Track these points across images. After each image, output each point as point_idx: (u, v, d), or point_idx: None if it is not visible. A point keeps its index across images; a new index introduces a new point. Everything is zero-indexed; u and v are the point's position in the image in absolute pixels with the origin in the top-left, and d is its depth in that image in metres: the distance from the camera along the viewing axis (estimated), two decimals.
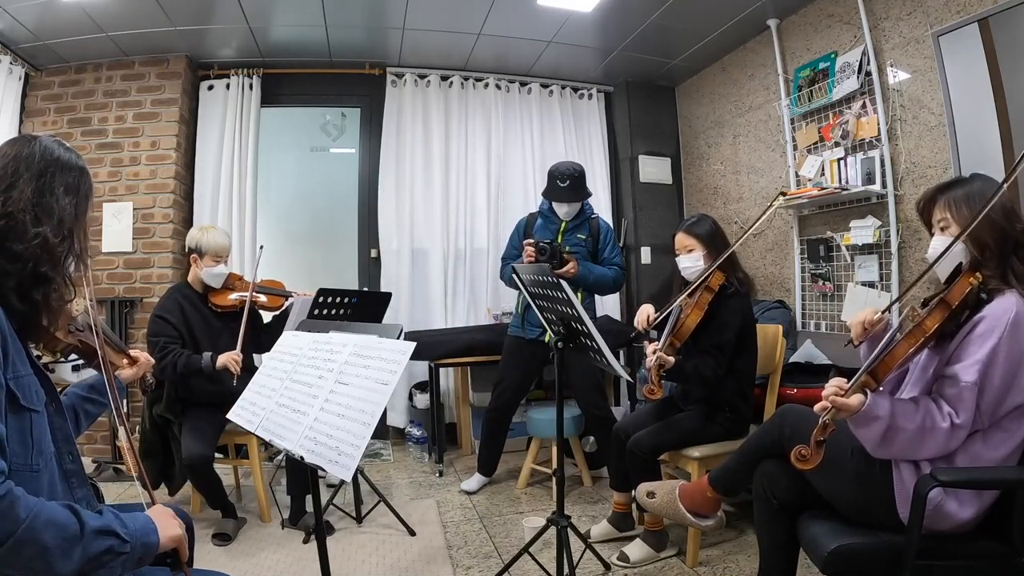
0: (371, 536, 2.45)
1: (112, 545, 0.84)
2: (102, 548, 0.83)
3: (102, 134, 3.51)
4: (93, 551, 0.82)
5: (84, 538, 0.81)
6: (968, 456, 1.27)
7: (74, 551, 0.80)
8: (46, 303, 0.98)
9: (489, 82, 4.06)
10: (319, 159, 4.74)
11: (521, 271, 2.13)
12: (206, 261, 2.54)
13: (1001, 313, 1.23)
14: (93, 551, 0.82)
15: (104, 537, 0.84)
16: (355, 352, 1.30)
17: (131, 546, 0.87)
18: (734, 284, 2.13)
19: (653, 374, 1.97)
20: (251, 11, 3.16)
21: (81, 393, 1.30)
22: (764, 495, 1.54)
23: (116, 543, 0.85)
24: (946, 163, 2.47)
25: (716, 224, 2.23)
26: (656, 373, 1.97)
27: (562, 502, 1.97)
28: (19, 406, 0.89)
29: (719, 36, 3.52)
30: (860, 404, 1.22)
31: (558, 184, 2.83)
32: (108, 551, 0.84)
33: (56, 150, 1.02)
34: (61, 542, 0.79)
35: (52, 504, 0.81)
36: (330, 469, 1.13)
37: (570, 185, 2.81)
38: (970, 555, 1.30)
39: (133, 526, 0.89)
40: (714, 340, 2.10)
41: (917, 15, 2.56)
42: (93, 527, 0.83)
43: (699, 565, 2.11)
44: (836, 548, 1.33)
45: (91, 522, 0.83)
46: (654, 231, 4.18)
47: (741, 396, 2.19)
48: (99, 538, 0.83)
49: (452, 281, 3.94)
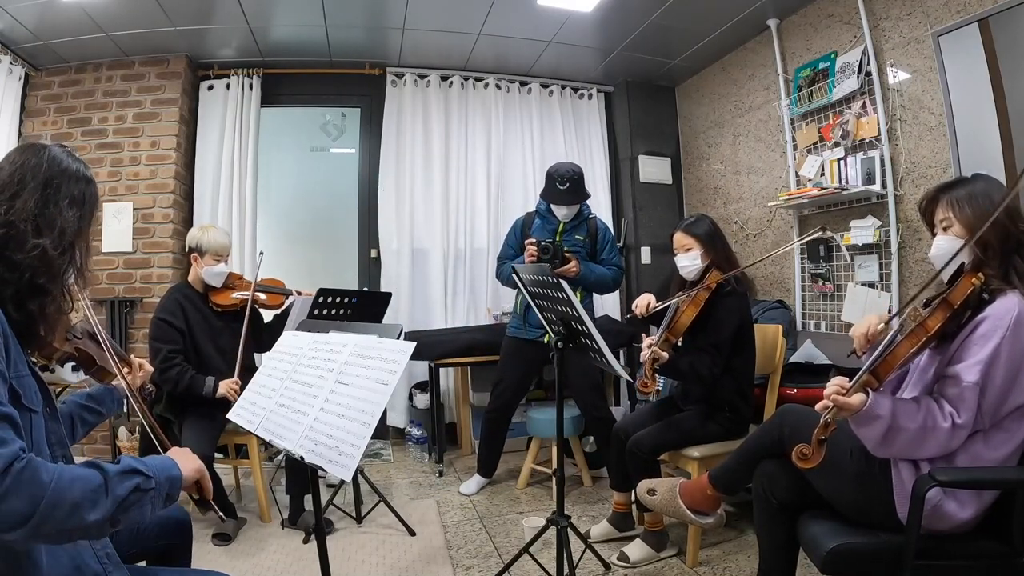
0: (371, 536, 2.45)
1: (138, 483, 0.86)
2: (129, 488, 0.84)
3: (102, 134, 3.51)
4: (121, 493, 0.83)
5: (110, 483, 0.82)
6: (969, 456, 1.27)
7: (103, 498, 0.81)
8: (43, 314, 0.97)
9: (489, 82, 4.06)
10: (319, 159, 4.74)
11: (521, 271, 2.13)
12: (206, 260, 2.54)
13: (1003, 313, 1.23)
14: (121, 493, 0.83)
15: (128, 477, 0.85)
16: (355, 352, 1.30)
17: (156, 481, 0.89)
18: (732, 283, 2.14)
19: (647, 368, 1.98)
20: (251, 11, 3.16)
21: (80, 401, 1.30)
22: (764, 495, 1.54)
23: (141, 480, 0.86)
24: (946, 163, 2.47)
25: (714, 224, 2.24)
26: (650, 367, 1.98)
27: (562, 502, 1.97)
28: (20, 405, 0.89)
29: (719, 36, 3.52)
30: (861, 403, 1.22)
31: (557, 187, 2.79)
32: (135, 489, 0.85)
33: (64, 160, 1.02)
34: (89, 493, 0.80)
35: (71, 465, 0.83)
36: (330, 469, 1.12)
37: (570, 188, 2.78)
38: (970, 555, 1.30)
39: (153, 463, 0.91)
40: (711, 339, 2.11)
41: (917, 15, 2.56)
42: (115, 470, 0.84)
43: (699, 565, 2.11)
44: (835, 548, 1.33)
45: (112, 468, 0.84)
46: (654, 231, 4.18)
47: (740, 396, 2.19)
48: (124, 479, 0.84)
49: (452, 281, 3.94)
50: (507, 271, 2.92)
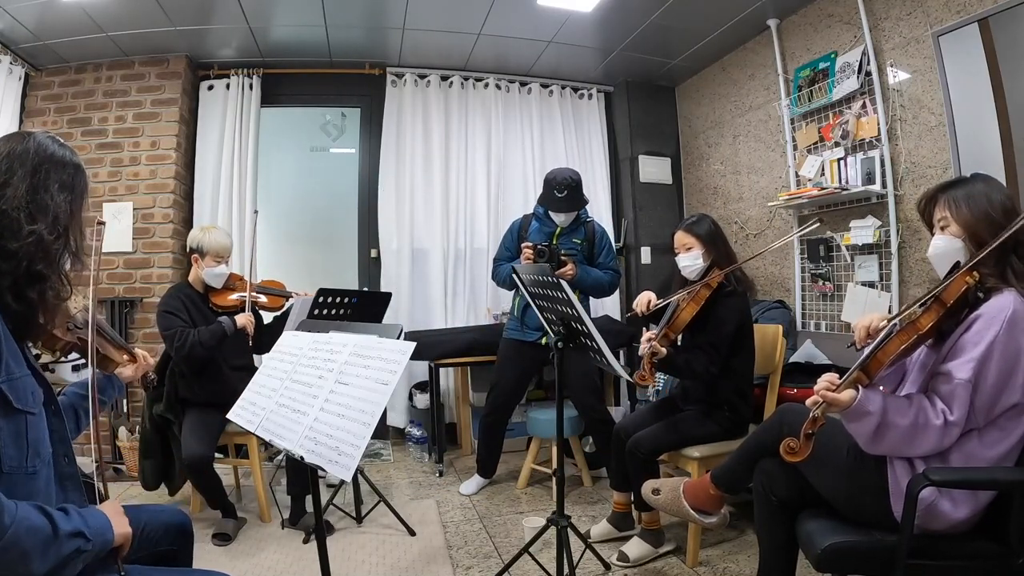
0: (371, 536, 2.45)
1: (79, 545, 0.89)
2: (71, 549, 0.88)
3: (102, 134, 3.51)
4: (64, 552, 0.87)
5: (58, 540, 0.86)
6: (963, 455, 1.27)
7: (50, 552, 0.85)
8: (42, 301, 0.97)
9: (489, 82, 4.06)
10: (319, 159, 4.74)
11: (521, 271, 2.13)
12: (207, 261, 2.54)
13: (997, 311, 1.23)
14: (64, 552, 0.87)
15: (73, 539, 0.89)
16: (355, 352, 1.30)
17: (93, 544, 0.92)
18: (732, 283, 2.14)
19: (645, 362, 1.99)
20: (251, 11, 3.16)
21: (80, 392, 1.30)
22: (763, 493, 1.54)
23: (82, 543, 0.90)
24: (946, 163, 2.47)
25: (715, 224, 2.25)
26: (648, 361, 1.99)
27: (562, 502, 1.97)
28: (13, 409, 0.89)
29: (719, 36, 3.52)
30: (851, 399, 1.23)
31: (555, 194, 2.78)
32: (76, 551, 0.89)
33: (50, 147, 1.01)
34: (39, 545, 0.83)
35: (26, 507, 0.84)
36: (330, 469, 1.13)
37: (567, 195, 2.77)
38: (966, 555, 1.30)
39: (94, 525, 0.94)
40: (710, 337, 2.12)
41: (917, 15, 2.56)
42: (66, 531, 0.88)
43: (699, 565, 2.11)
44: (829, 546, 1.33)
45: (63, 525, 0.87)
46: (654, 231, 4.18)
47: (740, 395, 2.20)
48: (69, 540, 0.88)
49: (452, 281, 3.94)
50: (503, 272, 2.92)
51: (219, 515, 2.47)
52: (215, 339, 2.39)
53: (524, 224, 3.00)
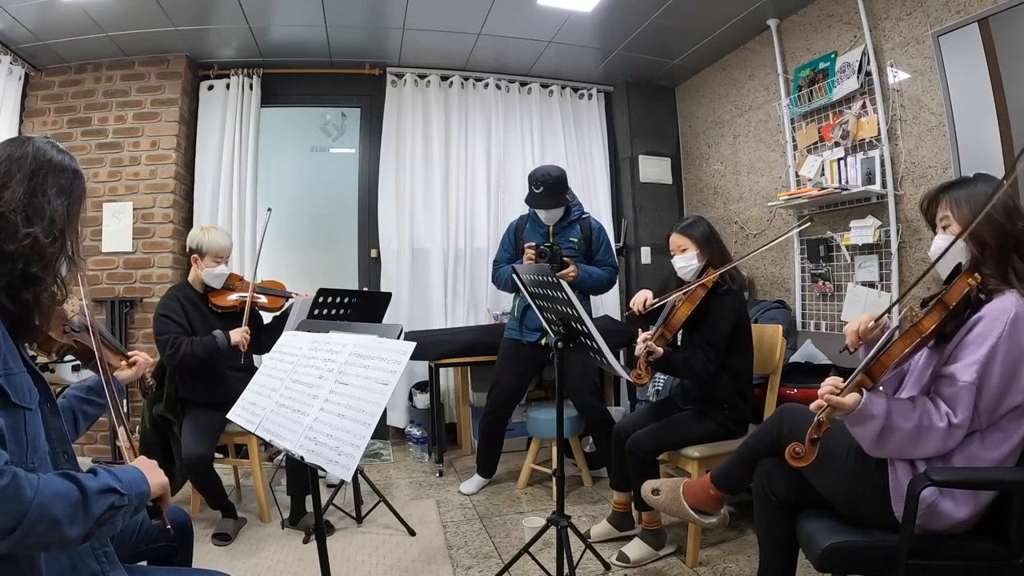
0: (371, 536, 2.45)
1: (113, 501, 0.88)
2: (105, 505, 0.86)
3: (102, 134, 3.51)
4: (97, 511, 0.85)
5: (88, 500, 0.84)
6: (966, 456, 1.27)
7: (81, 515, 0.83)
8: (37, 303, 0.97)
9: (489, 82, 4.06)
10: (319, 159, 4.73)
11: (521, 271, 2.13)
12: (207, 261, 2.54)
13: (1000, 313, 1.23)
14: (97, 511, 0.85)
15: (106, 495, 0.87)
16: (355, 352, 1.30)
17: (128, 498, 0.90)
18: (728, 282, 2.15)
19: (641, 361, 2.00)
20: (251, 11, 3.16)
21: (79, 395, 1.30)
22: (764, 493, 1.54)
23: (116, 498, 0.88)
24: (946, 163, 2.47)
25: (710, 225, 2.26)
26: (644, 360, 2.00)
27: (562, 502, 1.97)
28: (11, 403, 0.89)
29: (719, 36, 3.52)
30: (855, 403, 1.23)
31: (533, 190, 2.82)
32: (111, 507, 0.87)
33: (49, 151, 1.02)
34: (68, 510, 0.81)
35: (51, 476, 0.84)
36: (330, 469, 1.13)
37: (544, 192, 2.78)
38: (966, 556, 1.29)
39: (126, 478, 0.92)
40: (707, 336, 2.13)
41: (917, 15, 2.56)
42: (94, 488, 0.86)
43: (699, 565, 2.11)
44: (830, 546, 1.33)
45: (91, 484, 0.86)
46: (654, 231, 4.18)
47: (739, 395, 2.20)
48: (101, 497, 0.86)
49: (452, 281, 3.94)
50: (504, 274, 2.92)
51: (219, 515, 2.46)
52: (206, 352, 2.39)
53: (520, 225, 3.01)
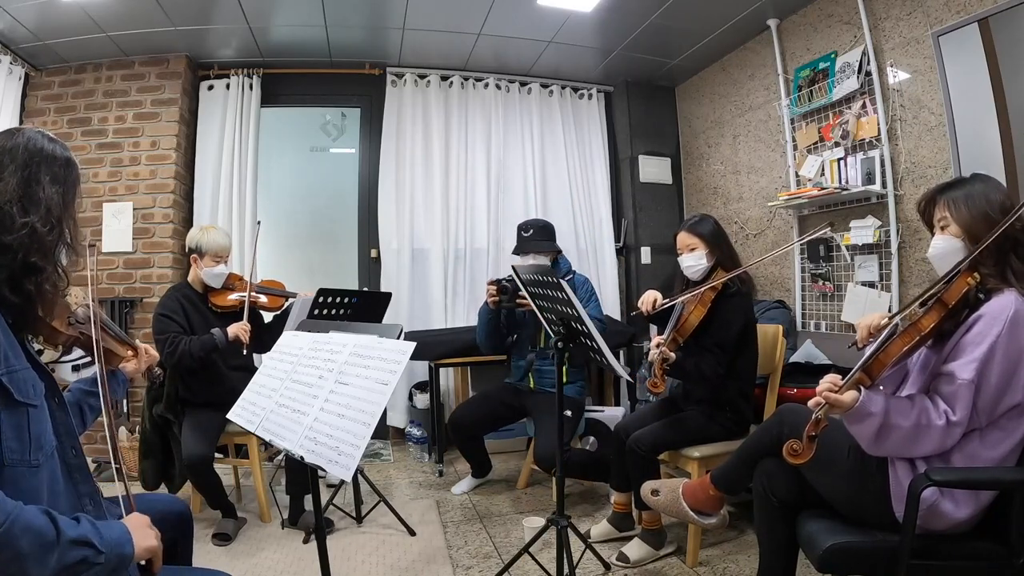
0: (371, 536, 2.45)
1: (87, 555, 0.84)
2: (77, 558, 0.83)
3: (102, 134, 3.51)
4: (68, 560, 0.82)
5: (60, 546, 0.81)
6: (965, 455, 1.27)
7: (49, 558, 0.80)
8: (39, 293, 0.97)
9: (489, 82, 4.06)
10: (319, 159, 4.74)
11: (521, 271, 2.13)
12: (206, 261, 2.54)
13: (999, 311, 1.23)
14: (68, 560, 0.82)
15: (79, 547, 0.84)
16: (355, 352, 1.30)
17: (106, 557, 0.87)
18: (736, 284, 2.15)
19: (657, 368, 1.97)
20: (251, 11, 3.16)
21: (84, 387, 1.31)
22: (764, 493, 1.54)
23: (91, 553, 0.85)
24: (946, 163, 2.47)
25: (718, 224, 2.25)
26: (659, 367, 1.97)
27: (562, 502, 1.97)
28: (14, 401, 0.89)
29: (719, 36, 3.52)
30: (854, 401, 1.23)
31: (522, 234, 2.86)
32: (83, 561, 0.84)
33: (40, 141, 1.02)
34: (37, 548, 0.79)
35: (30, 509, 0.82)
36: (330, 469, 1.13)
37: (533, 234, 2.81)
38: (967, 555, 1.30)
39: (109, 536, 0.89)
40: (716, 338, 2.11)
41: (917, 15, 2.56)
42: (69, 537, 0.83)
43: (699, 565, 2.11)
44: (831, 546, 1.33)
45: (68, 531, 0.83)
46: (654, 231, 4.18)
47: (743, 396, 2.20)
48: (74, 548, 0.83)
49: (452, 281, 3.94)
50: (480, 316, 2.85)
51: (219, 515, 2.46)
52: (204, 351, 2.39)
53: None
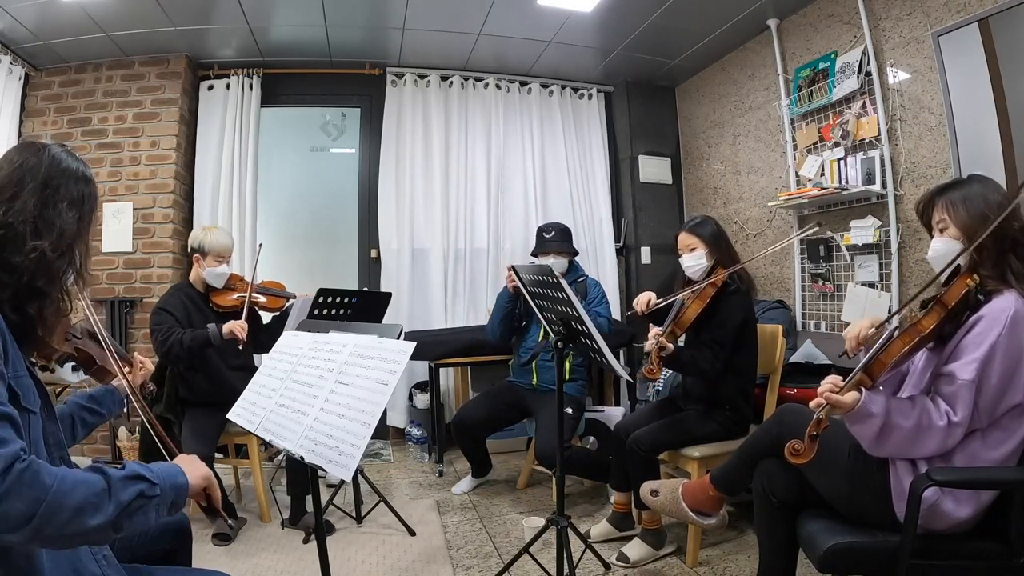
0: (371, 536, 2.45)
1: (142, 489, 0.84)
2: (133, 494, 0.83)
3: (102, 134, 3.51)
4: (124, 498, 0.81)
5: (112, 488, 0.81)
6: (966, 455, 1.27)
7: (106, 503, 0.79)
8: (40, 316, 0.96)
9: (489, 82, 4.06)
10: (319, 159, 4.74)
11: (521, 271, 2.13)
12: (208, 261, 2.54)
13: (999, 312, 1.23)
14: (124, 498, 0.81)
15: (132, 482, 0.84)
16: (355, 352, 1.30)
17: (160, 488, 0.87)
18: (736, 282, 2.15)
19: (653, 356, 1.99)
20: (251, 11, 3.16)
21: (81, 402, 1.29)
22: (764, 493, 1.54)
23: (146, 486, 0.85)
24: (946, 163, 2.47)
25: (718, 225, 2.27)
26: (656, 355, 1.99)
27: (562, 502, 1.97)
28: (20, 406, 0.88)
29: (719, 36, 3.52)
30: (854, 401, 1.23)
31: (543, 235, 2.90)
32: (139, 496, 0.84)
33: (64, 160, 1.00)
34: (92, 497, 0.78)
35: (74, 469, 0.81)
36: (330, 469, 1.12)
37: (555, 236, 2.88)
38: (968, 555, 1.30)
39: (159, 470, 0.89)
40: (714, 334, 2.13)
41: (917, 15, 2.56)
42: (120, 476, 0.83)
43: (699, 565, 2.11)
44: (832, 546, 1.33)
45: (116, 472, 0.83)
46: (654, 231, 4.18)
47: (742, 394, 2.20)
48: (128, 484, 0.83)
49: (452, 281, 3.94)
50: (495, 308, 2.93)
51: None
52: (196, 343, 2.37)
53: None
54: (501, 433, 3.19)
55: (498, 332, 2.93)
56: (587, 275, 3.00)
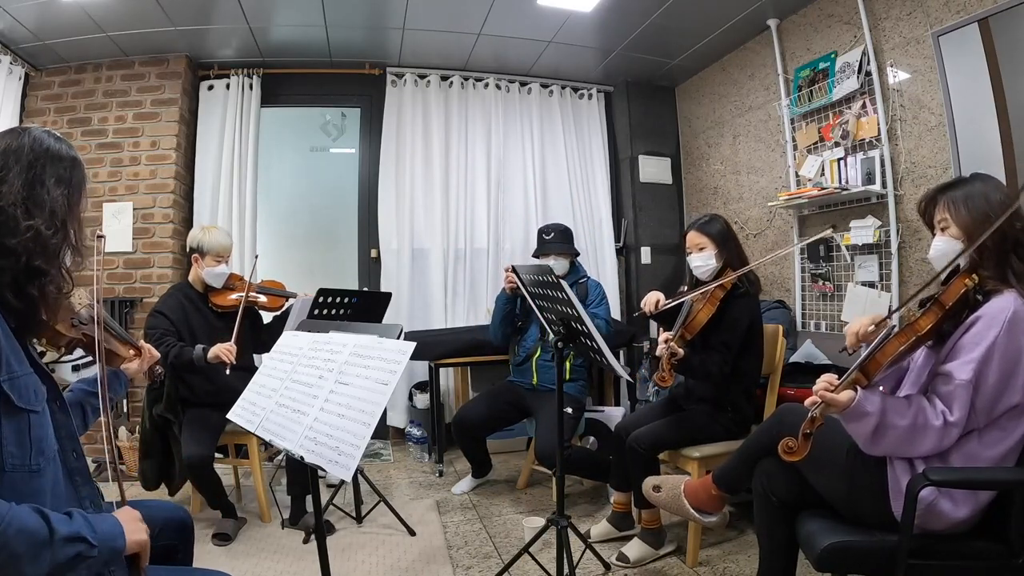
0: (371, 536, 2.45)
1: (80, 551, 0.85)
2: (71, 554, 0.84)
3: (102, 134, 3.51)
4: (62, 557, 0.83)
5: (54, 544, 0.82)
6: (964, 455, 1.27)
7: (43, 556, 0.81)
8: (43, 296, 0.97)
9: (489, 82, 4.06)
10: (319, 159, 4.74)
11: (520, 271, 2.13)
12: (207, 261, 2.54)
13: (998, 312, 1.23)
14: (62, 557, 0.83)
15: (73, 543, 0.85)
16: (355, 352, 1.30)
17: (99, 551, 0.88)
18: (744, 284, 2.15)
19: (664, 363, 1.98)
20: (251, 11, 3.16)
21: (87, 388, 1.30)
22: (763, 493, 1.54)
23: (84, 548, 0.86)
24: (946, 163, 2.47)
25: (727, 224, 2.26)
26: (667, 362, 1.98)
27: (562, 502, 1.97)
28: (15, 408, 0.88)
29: (719, 36, 3.52)
30: (849, 400, 1.24)
31: (543, 237, 2.91)
32: (76, 556, 0.85)
33: (46, 140, 1.01)
34: (31, 548, 0.80)
35: (22, 509, 0.82)
36: (330, 469, 1.13)
37: (555, 237, 2.89)
38: (966, 555, 1.30)
39: (101, 530, 0.89)
40: (723, 338, 2.12)
41: (917, 15, 2.56)
42: (63, 534, 0.84)
43: (699, 565, 2.11)
44: (830, 545, 1.33)
45: (61, 528, 0.84)
46: (654, 231, 4.18)
47: (746, 396, 2.20)
48: (68, 545, 0.84)
49: (452, 281, 3.94)
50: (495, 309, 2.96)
51: (219, 515, 2.46)
52: (179, 361, 2.35)
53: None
54: (501, 433, 3.20)
55: (499, 333, 2.96)
56: (588, 276, 3.01)
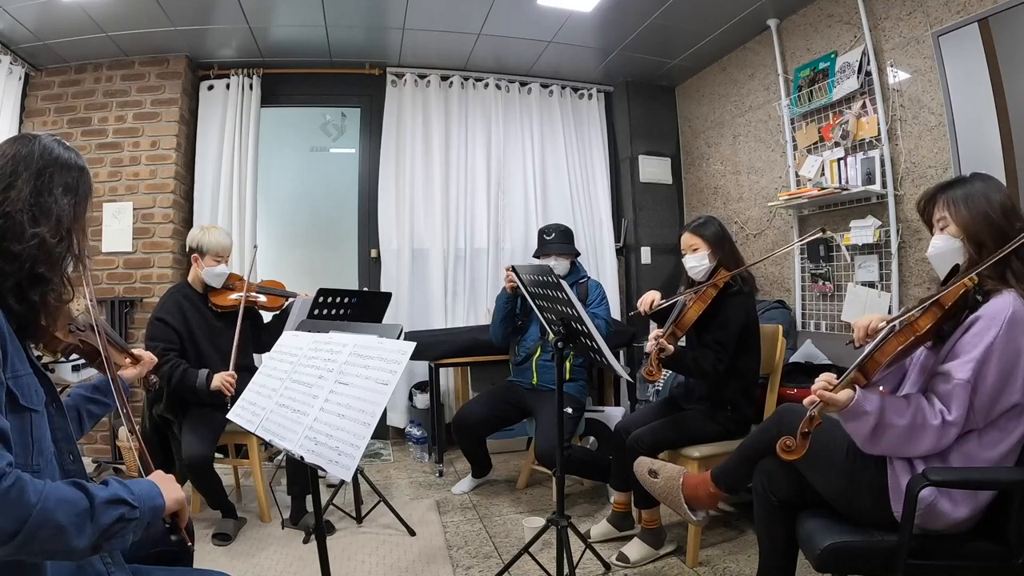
0: (371, 536, 2.45)
1: (123, 513, 0.86)
2: (114, 517, 0.84)
3: (102, 134, 3.51)
4: (105, 522, 0.83)
5: (95, 510, 0.82)
6: (963, 455, 1.27)
7: (87, 525, 0.81)
8: (44, 303, 0.97)
9: (489, 82, 4.06)
10: (319, 159, 4.74)
11: (520, 271, 2.13)
12: (207, 261, 2.54)
13: (997, 312, 1.23)
14: (105, 522, 0.83)
15: (115, 506, 0.85)
16: (355, 352, 1.30)
17: (140, 511, 0.88)
18: (739, 283, 2.16)
19: (653, 358, 2.00)
20: (251, 11, 3.16)
21: (85, 393, 1.30)
22: (763, 493, 1.54)
23: (126, 510, 0.86)
24: (946, 163, 2.47)
25: (721, 226, 2.27)
26: (656, 357, 2.00)
27: (562, 502, 1.97)
28: (19, 406, 0.89)
29: (719, 36, 3.52)
30: (848, 399, 1.24)
31: (544, 238, 2.92)
32: (120, 519, 0.85)
33: (55, 149, 1.02)
34: (74, 518, 0.79)
35: (59, 483, 0.82)
36: (330, 469, 1.13)
37: (556, 237, 2.90)
38: (965, 555, 1.30)
39: (139, 491, 0.90)
40: (717, 335, 2.13)
41: (917, 15, 2.56)
42: (102, 498, 0.84)
43: (699, 565, 2.11)
44: (829, 545, 1.33)
45: (100, 493, 0.84)
46: (654, 231, 4.18)
47: (745, 395, 2.20)
48: (110, 508, 0.84)
49: (452, 281, 3.94)
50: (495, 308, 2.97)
51: (219, 515, 2.46)
52: (180, 384, 2.36)
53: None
54: (501, 433, 3.19)
55: (500, 333, 2.97)
56: (588, 276, 3.01)
